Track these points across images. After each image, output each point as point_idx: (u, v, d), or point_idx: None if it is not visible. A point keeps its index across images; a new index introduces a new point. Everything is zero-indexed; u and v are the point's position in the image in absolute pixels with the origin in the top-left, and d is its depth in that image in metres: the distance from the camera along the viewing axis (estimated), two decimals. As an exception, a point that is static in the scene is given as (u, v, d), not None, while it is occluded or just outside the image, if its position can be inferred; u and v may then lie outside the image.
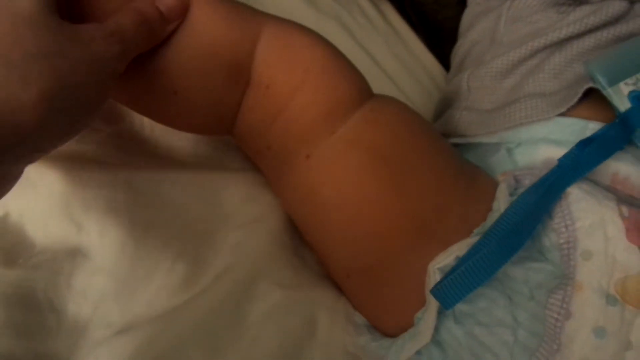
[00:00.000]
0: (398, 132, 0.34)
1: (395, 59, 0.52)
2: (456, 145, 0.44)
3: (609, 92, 0.34)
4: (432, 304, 0.31)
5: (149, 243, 0.33)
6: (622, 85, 0.34)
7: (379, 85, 0.50)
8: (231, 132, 0.36)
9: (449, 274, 0.30)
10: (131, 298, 0.31)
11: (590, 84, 0.35)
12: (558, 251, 0.31)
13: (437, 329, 0.31)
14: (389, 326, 0.35)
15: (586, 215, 0.31)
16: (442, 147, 0.36)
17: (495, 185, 0.36)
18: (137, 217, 0.33)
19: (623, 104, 0.34)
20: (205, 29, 0.31)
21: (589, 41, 0.38)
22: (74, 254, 0.32)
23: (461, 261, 0.30)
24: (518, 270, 0.31)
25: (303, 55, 0.33)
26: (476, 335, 0.31)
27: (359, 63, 0.50)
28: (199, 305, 0.32)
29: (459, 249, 0.32)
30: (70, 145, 0.33)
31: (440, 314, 0.31)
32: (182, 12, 0.30)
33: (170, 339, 0.30)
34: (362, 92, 0.35)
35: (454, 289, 0.29)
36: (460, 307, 0.31)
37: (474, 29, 0.48)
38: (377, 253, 0.33)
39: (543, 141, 0.36)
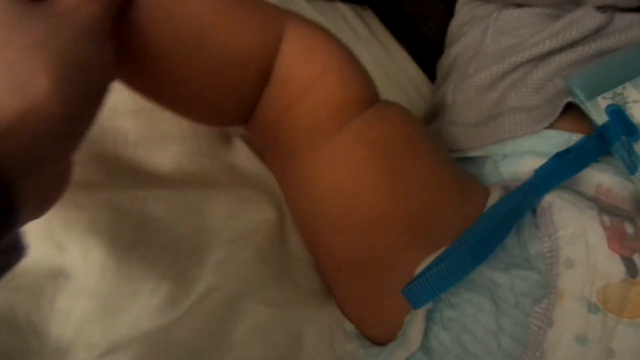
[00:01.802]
0: (401, 131, 0.35)
1: (380, 69, 0.52)
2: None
3: (587, 106, 0.35)
4: (420, 310, 0.31)
5: (133, 263, 0.33)
6: (599, 99, 0.35)
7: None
8: (243, 124, 0.36)
9: (420, 275, 0.30)
10: (114, 319, 0.31)
11: (570, 99, 0.35)
12: (542, 260, 0.31)
13: (425, 335, 0.32)
14: (377, 330, 0.36)
15: (568, 224, 0.31)
16: (440, 151, 0.38)
17: (486, 193, 0.36)
18: (121, 237, 0.33)
19: (600, 118, 0.35)
20: (234, 37, 0.31)
21: (570, 55, 0.39)
22: (56, 276, 0.32)
23: (433, 264, 0.31)
24: (504, 278, 0.31)
25: (321, 55, 0.34)
26: (463, 342, 0.31)
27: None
28: (183, 326, 0.31)
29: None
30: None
31: (429, 320, 0.32)
32: None
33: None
34: (372, 95, 0.36)
35: (424, 290, 0.30)
36: (448, 312, 0.32)
37: (460, 41, 0.48)
38: (369, 246, 0.34)
39: (528, 153, 0.37)
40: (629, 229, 0.30)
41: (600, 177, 0.35)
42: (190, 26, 0.30)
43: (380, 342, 0.35)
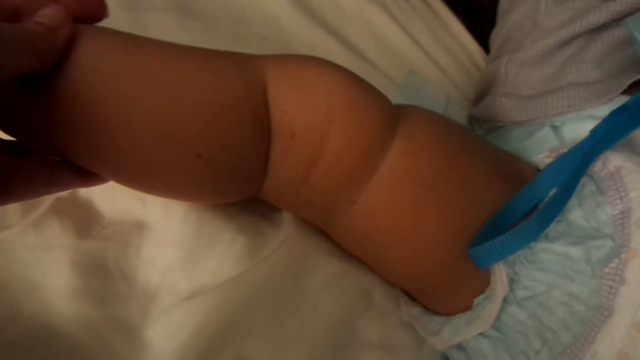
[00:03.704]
0: (439, 154, 0.33)
1: (435, 40, 0.53)
2: (493, 126, 0.44)
3: None
4: (499, 294, 0.32)
5: (210, 216, 0.34)
6: None
7: (421, 67, 0.51)
8: (260, 191, 0.32)
9: (488, 238, 0.30)
10: (196, 267, 0.33)
11: (637, 77, 0.34)
12: (613, 223, 0.31)
13: (498, 315, 0.32)
14: (441, 307, 0.37)
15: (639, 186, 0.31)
16: (481, 150, 0.36)
17: (533, 170, 0.36)
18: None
19: None
20: (217, 84, 0.27)
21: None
22: (141, 226, 0.34)
23: (492, 223, 0.31)
24: (578, 251, 0.31)
25: (319, 92, 0.29)
26: (538, 316, 0.32)
27: (401, 46, 0.52)
28: (261, 273, 0.33)
29: None
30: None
31: (502, 301, 0.32)
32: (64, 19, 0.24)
33: (235, 305, 0.32)
34: (390, 116, 0.32)
35: (492, 254, 0.30)
36: (521, 293, 0.32)
37: (513, 13, 0.48)
38: (439, 275, 0.34)
39: (589, 118, 0.37)
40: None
41: None
42: (155, 82, 0.26)
43: (443, 314, 0.36)
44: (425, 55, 0.52)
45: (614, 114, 0.33)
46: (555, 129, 0.38)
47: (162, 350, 0.31)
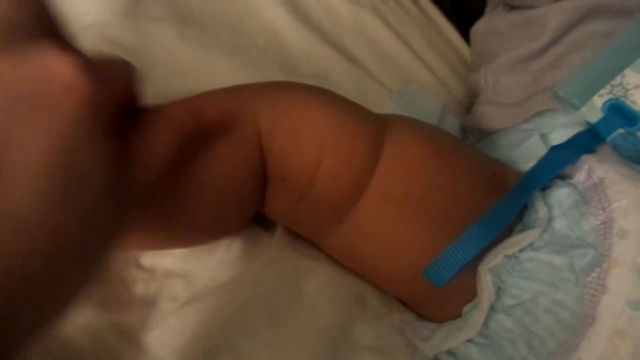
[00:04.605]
0: (423, 171, 0.34)
1: (430, 46, 0.54)
2: (484, 135, 0.45)
3: (583, 111, 0.36)
4: (485, 302, 0.33)
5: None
6: (595, 98, 0.35)
7: (417, 74, 0.52)
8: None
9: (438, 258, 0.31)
10: (194, 273, 0.34)
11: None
12: (595, 233, 0.32)
13: (485, 322, 0.33)
14: (432, 315, 0.38)
15: (622, 196, 0.32)
16: (468, 162, 0.37)
17: (521, 177, 0.37)
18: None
19: (597, 117, 0.35)
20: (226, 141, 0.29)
21: (590, 26, 0.38)
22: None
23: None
24: (562, 259, 0.32)
25: (309, 137, 0.31)
26: (525, 324, 0.33)
27: (397, 53, 0.52)
28: (258, 278, 0.34)
29: (506, 247, 0.33)
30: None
31: (489, 309, 0.33)
32: None
33: (233, 309, 0.33)
34: (377, 140, 0.33)
35: (443, 270, 0.31)
36: (508, 301, 0.33)
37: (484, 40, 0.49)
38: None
39: (578, 125, 0.37)
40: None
41: None
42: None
43: (433, 320, 0.37)
44: (421, 62, 0.53)
45: (552, 149, 0.35)
46: (544, 137, 0.39)
47: (162, 354, 0.32)
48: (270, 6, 0.50)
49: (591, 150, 0.36)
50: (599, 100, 0.35)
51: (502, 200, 0.33)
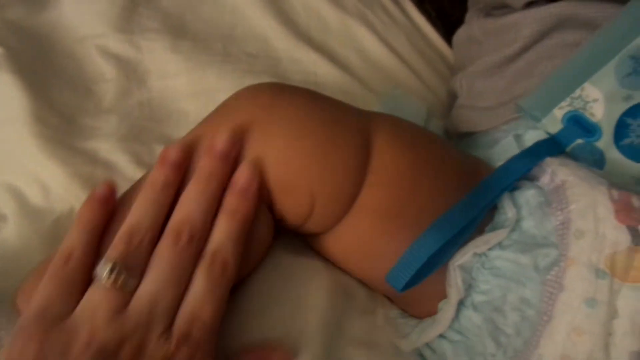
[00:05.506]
0: (398, 184, 0.35)
1: (417, 53, 0.56)
2: (463, 136, 0.47)
3: (544, 123, 0.37)
4: (453, 297, 0.34)
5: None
6: (555, 111, 0.37)
7: (403, 79, 0.54)
8: None
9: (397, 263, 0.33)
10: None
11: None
12: (555, 232, 0.34)
13: (457, 318, 0.35)
14: (413, 311, 0.39)
15: (579, 198, 0.34)
16: (447, 158, 0.38)
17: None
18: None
19: (557, 128, 0.37)
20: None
21: (560, 35, 0.40)
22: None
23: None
24: (527, 258, 0.34)
25: (302, 193, 0.33)
26: (493, 320, 0.34)
27: (384, 59, 0.54)
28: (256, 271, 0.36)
29: (475, 246, 0.35)
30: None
31: (460, 304, 0.35)
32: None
33: (232, 301, 0.33)
34: (361, 166, 0.34)
35: (400, 274, 0.33)
36: (478, 297, 0.35)
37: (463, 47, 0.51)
38: None
39: None
40: (636, 202, 0.33)
41: None
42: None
43: (414, 315, 0.39)
44: (407, 68, 0.54)
45: (512, 159, 0.37)
46: (518, 137, 0.41)
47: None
48: (260, 15, 0.52)
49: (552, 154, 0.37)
50: (559, 112, 0.37)
51: (458, 203, 0.34)
